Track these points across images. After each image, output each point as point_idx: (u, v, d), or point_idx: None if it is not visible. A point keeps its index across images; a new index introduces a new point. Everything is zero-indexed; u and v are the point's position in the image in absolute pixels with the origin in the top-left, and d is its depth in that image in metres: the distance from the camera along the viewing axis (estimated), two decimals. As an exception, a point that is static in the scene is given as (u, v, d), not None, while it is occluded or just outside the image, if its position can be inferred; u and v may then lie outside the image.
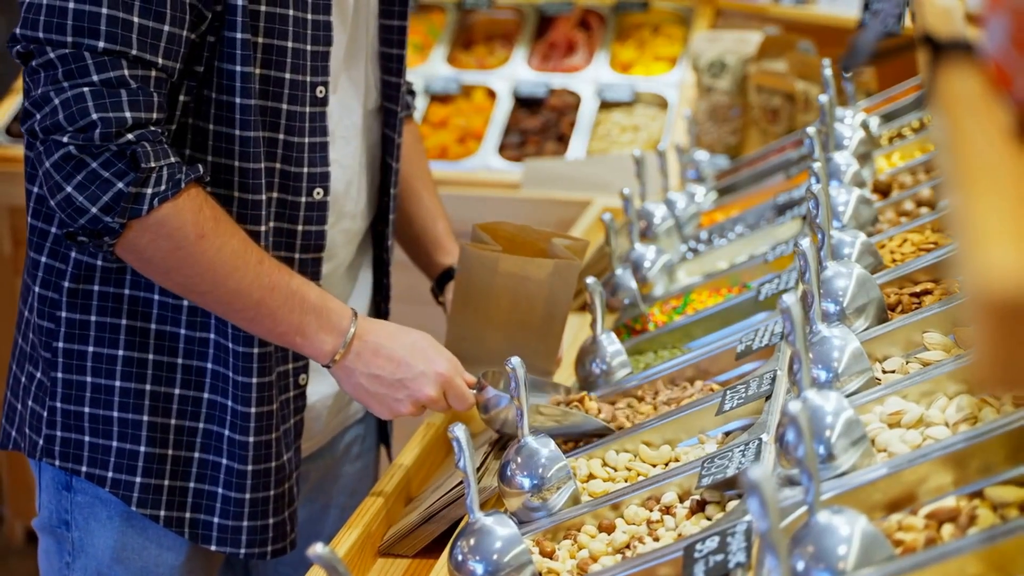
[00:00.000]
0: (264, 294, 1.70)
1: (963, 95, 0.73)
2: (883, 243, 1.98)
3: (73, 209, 1.61)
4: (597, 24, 4.25)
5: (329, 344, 1.76)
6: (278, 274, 1.73)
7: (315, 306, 1.75)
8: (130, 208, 1.62)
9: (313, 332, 1.75)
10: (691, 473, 1.53)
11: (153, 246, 1.65)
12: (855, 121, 2.59)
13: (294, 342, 1.76)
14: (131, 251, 1.66)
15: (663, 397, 1.86)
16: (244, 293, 1.69)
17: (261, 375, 1.77)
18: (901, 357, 1.61)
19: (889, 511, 1.28)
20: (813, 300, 1.56)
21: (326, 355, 1.77)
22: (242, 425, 1.78)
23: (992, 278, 0.53)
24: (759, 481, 0.99)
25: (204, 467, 1.81)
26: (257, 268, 1.70)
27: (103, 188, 1.60)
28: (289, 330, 1.73)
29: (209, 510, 1.81)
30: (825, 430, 1.33)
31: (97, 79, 1.59)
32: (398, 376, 1.78)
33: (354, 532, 1.73)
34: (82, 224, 1.62)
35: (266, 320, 1.72)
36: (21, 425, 1.85)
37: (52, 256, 1.77)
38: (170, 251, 1.65)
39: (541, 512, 1.60)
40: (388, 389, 1.79)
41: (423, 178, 2.21)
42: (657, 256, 2.42)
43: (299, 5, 1.74)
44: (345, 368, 1.78)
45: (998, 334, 0.54)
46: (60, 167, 1.60)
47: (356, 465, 2.12)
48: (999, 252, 0.54)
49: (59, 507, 1.84)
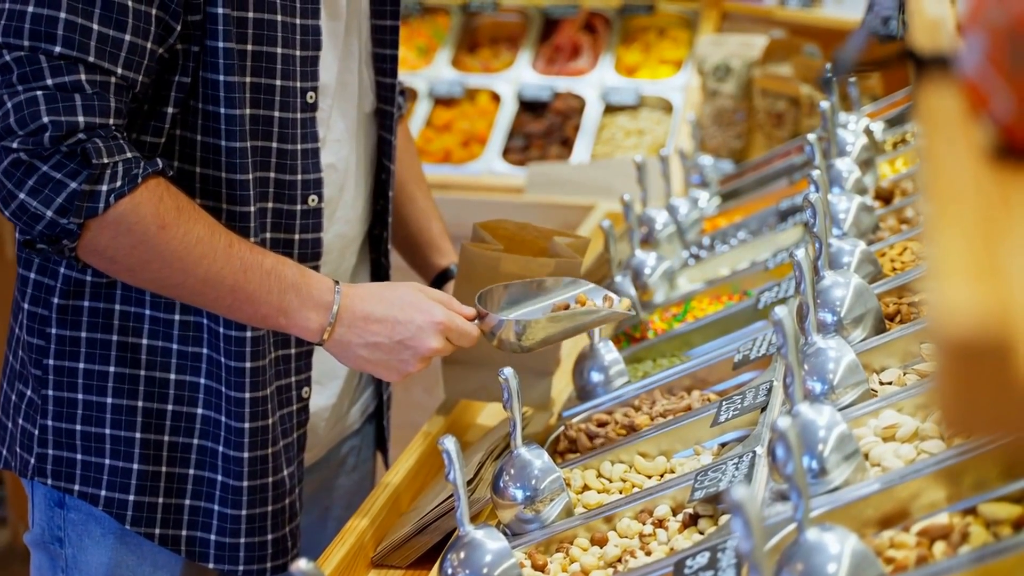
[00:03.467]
0: (238, 278, 1.65)
1: (942, 113, 0.71)
2: (883, 251, 1.96)
3: (28, 216, 1.58)
4: (602, 27, 4.23)
5: (315, 321, 1.71)
6: (250, 255, 1.67)
7: (294, 283, 1.69)
8: (86, 207, 1.57)
9: (296, 310, 1.69)
10: (684, 486, 1.52)
11: (115, 244, 1.60)
12: (858, 127, 2.57)
13: (279, 323, 1.70)
14: (93, 252, 1.62)
15: (659, 407, 1.85)
16: (216, 280, 1.64)
17: (254, 390, 1.75)
18: (898, 368, 1.59)
19: (881, 527, 1.26)
20: (808, 311, 1.54)
21: (314, 332, 1.71)
22: (236, 441, 1.75)
23: (950, 317, 0.52)
24: (743, 501, 0.97)
25: (199, 484, 1.78)
26: (227, 252, 1.65)
27: (56, 190, 1.56)
28: (271, 312, 1.68)
29: (206, 527, 1.78)
30: (817, 444, 1.31)
31: (51, 83, 1.56)
32: (397, 338, 1.73)
33: (347, 543, 1.71)
34: (40, 231, 1.58)
35: (245, 305, 1.67)
36: (12, 444, 1.83)
37: (41, 272, 1.75)
38: (133, 247, 1.61)
39: (534, 524, 1.59)
40: (390, 354, 1.73)
41: (416, 179, 2.19)
42: (657, 263, 2.40)
43: (287, 10, 1.72)
44: (339, 343, 1.72)
45: (955, 376, 0.52)
46: (10, 174, 1.57)
47: (353, 476, 2.11)
48: (958, 290, 0.52)
49: (52, 524, 1.82)
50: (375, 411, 2.13)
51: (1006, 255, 0.54)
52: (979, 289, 0.52)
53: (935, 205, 0.60)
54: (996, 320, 0.50)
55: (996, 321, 0.50)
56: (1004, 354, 0.50)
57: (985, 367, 0.50)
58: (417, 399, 3.45)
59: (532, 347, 1.77)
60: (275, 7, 1.70)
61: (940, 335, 0.52)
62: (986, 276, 0.52)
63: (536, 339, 1.76)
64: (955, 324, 0.51)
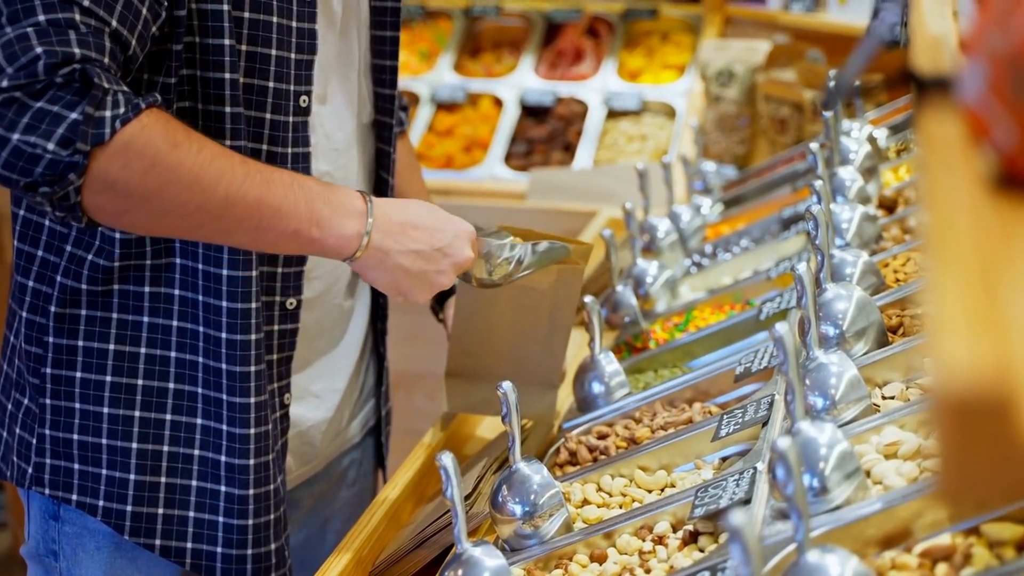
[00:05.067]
0: (262, 191, 1.53)
1: (943, 142, 0.70)
2: (886, 261, 1.95)
3: (26, 159, 1.44)
4: (605, 32, 4.22)
5: (351, 227, 1.59)
6: (268, 169, 1.56)
7: (320, 192, 1.58)
8: (91, 134, 1.44)
9: (329, 219, 1.57)
10: (685, 502, 1.50)
11: (126, 171, 1.47)
12: (862, 134, 2.55)
13: (312, 236, 1.58)
14: (103, 188, 1.48)
15: (660, 420, 1.83)
16: (239, 196, 1.52)
17: (258, 394, 1.72)
18: (901, 382, 1.57)
19: (883, 547, 1.25)
20: (810, 326, 1.53)
21: (351, 241, 1.60)
22: (241, 448, 1.72)
23: (948, 374, 0.50)
24: (741, 527, 0.96)
25: (202, 495, 1.75)
26: (244, 166, 1.54)
27: (55, 123, 1.44)
28: (302, 225, 1.56)
29: (211, 540, 1.75)
30: (818, 462, 1.30)
31: (44, 19, 1.46)
32: (437, 245, 1.65)
33: (344, 557, 1.70)
34: (41, 172, 1.44)
35: (274, 221, 1.55)
36: (7, 454, 1.82)
37: (39, 280, 1.74)
38: (146, 171, 1.49)
39: (533, 540, 1.58)
40: (429, 262, 1.65)
41: (419, 194, 2.17)
42: (659, 272, 2.39)
43: (284, 12, 1.69)
44: (377, 251, 1.62)
45: (953, 437, 0.50)
46: (2, 116, 1.43)
47: (353, 490, 2.09)
48: (957, 345, 0.50)
49: (47, 536, 1.80)
50: (376, 425, 2.12)
51: (1006, 305, 0.52)
52: (979, 344, 0.50)
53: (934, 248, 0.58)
54: (996, 378, 0.48)
55: (996, 379, 0.48)
56: (1004, 413, 0.48)
57: (984, 427, 0.49)
58: (418, 405, 3.44)
59: (499, 277, 1.77)
60: (271, 8, 1.67)
61: (938, 393, 0.50)
62: (986, 330, 0.50)
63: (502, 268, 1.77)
64: (954, 382, 0.49)
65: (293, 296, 1.79)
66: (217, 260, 1.68)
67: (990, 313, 0.51)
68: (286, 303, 1.78)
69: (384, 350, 2.08)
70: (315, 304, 1.86)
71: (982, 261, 0.55)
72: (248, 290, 1.69)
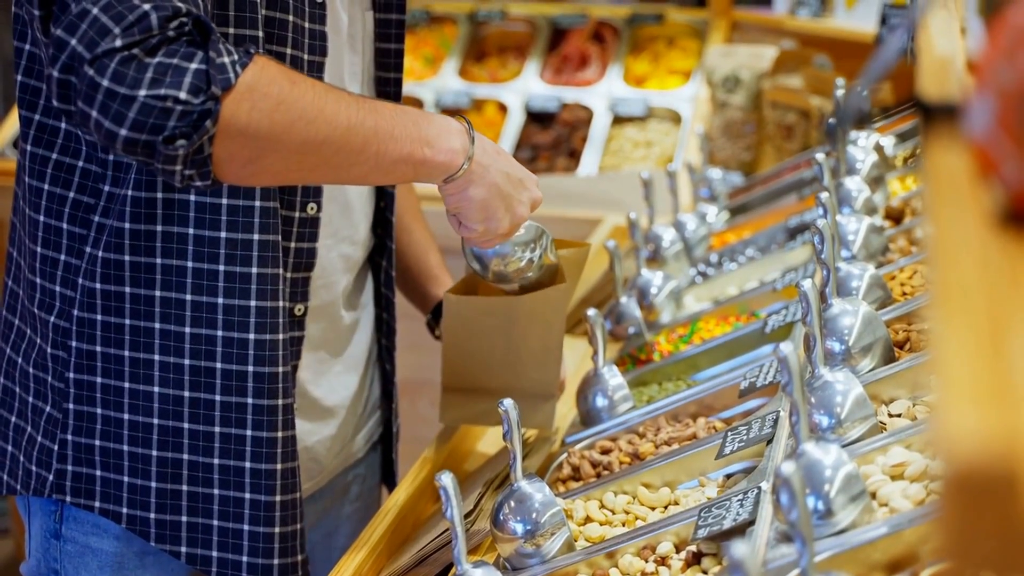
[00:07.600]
0: (376, 118, 1.55)
1: (949, 176, 0.68)
2: (893, 274, 1.92)
3: (157, 112, 1.41)
4: (611, 37, 4.20)
5: (457, 142, 1.61)
6: (369, 98, 1.59)
7: (421, 114, 1.60)
8: (219, 79, 1.43)
9: (437, 136, 1.59)
10: (688, 522, 1.49)
11: (256, 111, 1.46)
12: (868, 143, 2.53)
13: (424, 157, 1.59)
14: (235, 134, 1.46)
15: (664, 435, 1.81)
16: (358, 124, 1.53)
17: (285, 396, 1.70)
18: (908, 400, 1.55)
19: (889, 572, 1.23)
20: (815, 343, 1.51)
21: (458, 156, 1.61)
22: (268, 452, 1.69)
23: (954, 444, 0.48)
24: (743, 559, 0.94)
25: (226, 504, 1.71)
26: (352, 97, 1.55)
27: (180, 73, 1.42)
28: (415, 146, 1.58)
29: (236, 548, 1.72)
30: (823, 485, 1.28)
31: None
32: (519, 175, 1.68)
33: (345, 574, 1.69)
34: (174, 125, 1.41)
35: (389, 146, 1.55)
36: (14, 468, 1.79)
37: (64, 284, 1.72)
38: (274, 108, 1.47)
39: (534, 559, 1.56)
40: (516, 189, 1.67)
41: (413, 211, 2.16)
42: (664, 282, 2.37)
43: (298, 12, 1.68)
44: (479, 166, 1.63)
45: (958, 508, 0.49)
46: (121, 76, 1.40)
47: (356, 505, 2.07)
48: (964, 413, 0.48)
49: (48, 556, 1.78)
50: (380, 440, 2.10)
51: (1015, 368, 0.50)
52: (986, 415, 0.48)
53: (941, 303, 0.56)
54: (1004, 450, 0.46)
55: (1004, 451, 0.46)
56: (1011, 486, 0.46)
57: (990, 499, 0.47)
58: (422, 412, 3.41)
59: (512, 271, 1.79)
60: (288, 7, 1.66)
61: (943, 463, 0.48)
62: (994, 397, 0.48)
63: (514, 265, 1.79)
64: (959, 452, 0.47)
65: (301, 302, 1.78)
66: (246, 259, 1.67)
67: (998, 378, 0.49)
68: (294, 309, 1.78)
69: (392, 367, 2.06)
70: (319, 314, 1.84)
71: (990, 318, 0.53)
72: (276, 288, 1.68)
